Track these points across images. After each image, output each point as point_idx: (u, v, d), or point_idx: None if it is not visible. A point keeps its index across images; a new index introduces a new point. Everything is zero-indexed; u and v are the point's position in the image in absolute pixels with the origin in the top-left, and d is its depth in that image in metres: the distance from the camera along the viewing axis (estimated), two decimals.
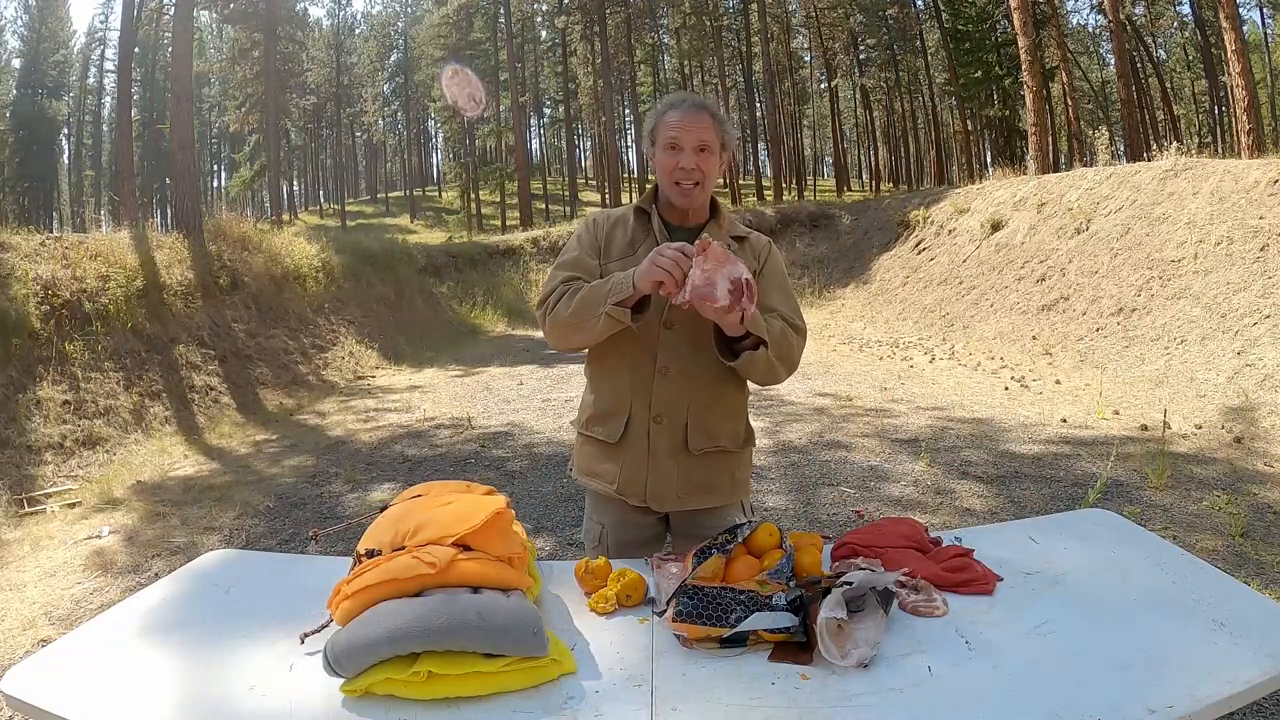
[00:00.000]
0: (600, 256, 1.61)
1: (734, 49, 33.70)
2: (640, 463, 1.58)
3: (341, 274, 11.16)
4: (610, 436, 1.60)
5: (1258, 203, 6.45)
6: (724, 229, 1.60)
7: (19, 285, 5.82)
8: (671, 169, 1.53)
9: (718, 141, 1.55)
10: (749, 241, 1.64)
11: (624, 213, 1.66)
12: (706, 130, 1.53)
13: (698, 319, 1.50)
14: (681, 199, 1.56)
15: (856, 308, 12.89)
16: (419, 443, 5.69)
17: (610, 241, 1.62)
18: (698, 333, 1.53)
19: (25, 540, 3.91)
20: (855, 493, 4.03)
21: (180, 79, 10.74)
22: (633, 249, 1.59)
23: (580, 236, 1.66)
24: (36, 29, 35.33)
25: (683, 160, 1.52)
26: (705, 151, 1.53)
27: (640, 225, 1.62)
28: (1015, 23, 15.06)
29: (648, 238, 1.59)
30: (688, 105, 1.56)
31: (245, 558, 1.67)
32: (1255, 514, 3.38)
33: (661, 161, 1.55)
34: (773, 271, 1.63)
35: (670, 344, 1.55)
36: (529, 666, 1.07)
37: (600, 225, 1.65)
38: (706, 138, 1.53)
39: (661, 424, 1.56)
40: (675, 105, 1.57)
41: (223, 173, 44.64)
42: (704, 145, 1.53)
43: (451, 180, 39.95)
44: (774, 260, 1.65)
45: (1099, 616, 1.17)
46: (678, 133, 1.52)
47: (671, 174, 1.53)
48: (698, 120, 1.53)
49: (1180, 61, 30.00)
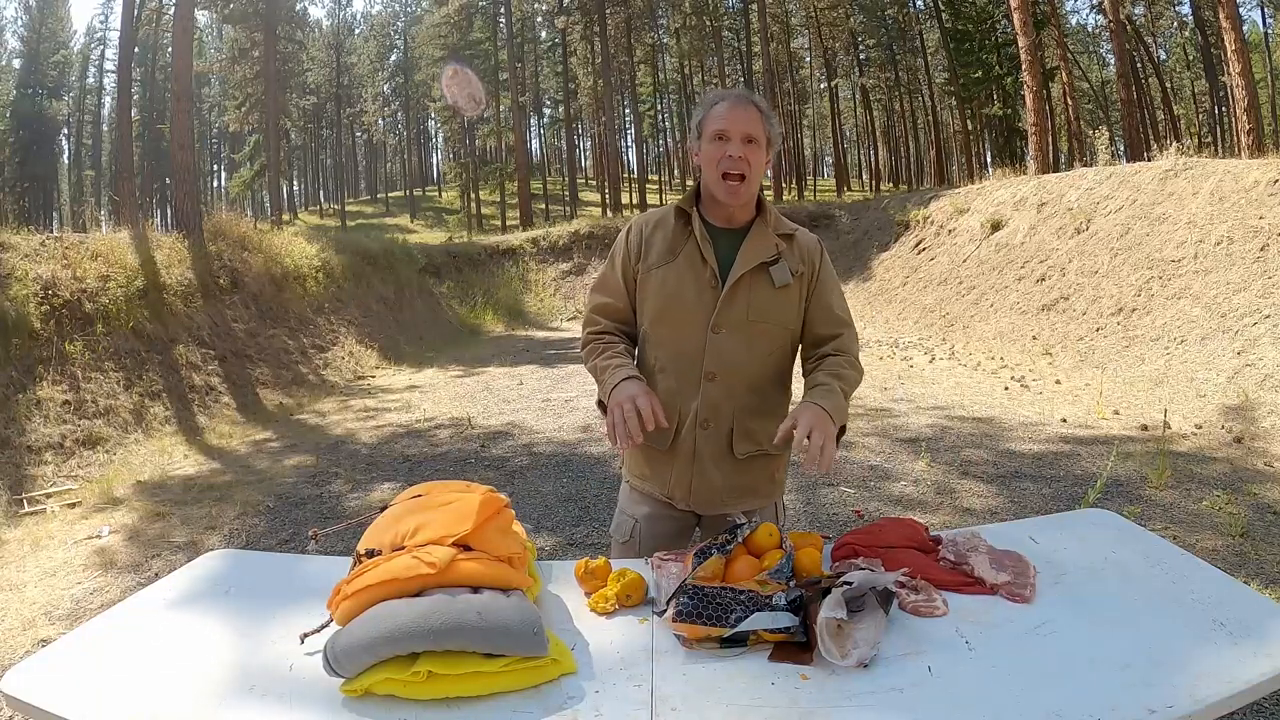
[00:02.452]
0: (639, 263, 1.60)
1: (734, 49, 33.73)
2: (686, 467, 1.58)
3: (341, 274, 11.17)
4: (661, 444, 1.60)
5: (1258, 203, 6.45)
6: (770, 227, 1.57)
7: (19, 285, 5.82)
8: (719, 159, 1.50)
9: (764, 136, 1.53)
10: (797, 240, 1.60)
11: (665, 214, 1.63)
12: (754, 123, 1.51)
13: (744, 324, 1.53)
14: (727, 194, 1.52)
15: (856, 307, 12.89)
16: (419, 443, 5.69)
17: (649, 246, 1.60)
18: (746, 337, 1.53)
19: (25, 540, 3.91)
20: (856, 492, 4.03)
21: (180, 79, 10.74)
22: (673, 254, 1.57)
23: (617, 250, 1.65)
24: (36, 29, 35.33)
25: (730, 150, 1.49)
26: (752, 144, 1.51)
27: (680, 227, 1.58)
28: (1015, 23, 15.05)
29: (688, 240, 1.56)
30: (735, 97, 1.54)
31: (245, 558, 1.67)
32: (1255, 514, 3.38)
33: (708, 153, 1.52)
34: (828, 274, 1.62)
35: (717, 349, 1.54)
36: (529, 666, 1.06)
37: (639, 233, 1.62)
38: (754, 130, 1.51)
39: (708, 429, 1.56)
40: (723, 98, 1.55)
41: (223, 173, 44.63)
42: (751, 137, 1.50)
43: (451, 180, 39.94)
44: (826, 265, 1.63)
45: (1099, 616, 1.17)
46: (726, 124, 1.50)
47: (718, 164, 1.50)
48: (746, 112, 1.51)
49: (1180, 61, 30.01)
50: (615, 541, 1.74)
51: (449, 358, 10.64)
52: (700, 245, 1.54)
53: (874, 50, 32.36)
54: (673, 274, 1.56)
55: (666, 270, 1.56)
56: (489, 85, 29.41)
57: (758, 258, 1.53)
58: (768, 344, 1.57)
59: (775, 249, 1.55)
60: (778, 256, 1.55)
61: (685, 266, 1.55)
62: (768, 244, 1.55)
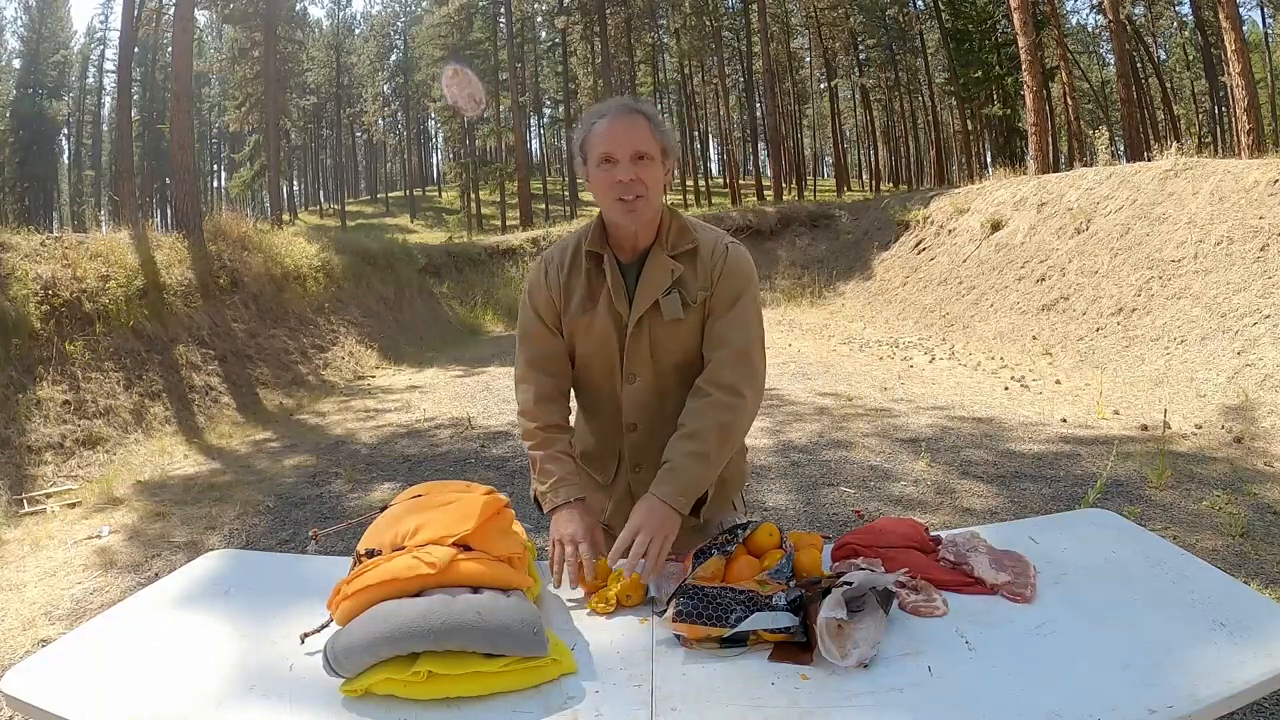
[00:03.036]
0: (561, 314, 1.50)
1: (734, 49, 33.72)
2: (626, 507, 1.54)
3: (341, 274, 11.17)
4: (602, 478, 1.60)
5: (1258, 203, 6.45)
6: (667, 249, 1.44)
7: (19, 285, 5.82)
8: (609, 185, 1.35)
9: (657, 147, 1.37)
10: (699, 257, 1.44)
11: (575, 254, 1.49)
12: (642, 136, 1.35)
13: (652, 367, 1.47)
14: (626, 216, 1.37)
15: (856, 307, 12.89)
16: (419, 443, 5.69)
17: (569, 294, 1.49)
18: (659, 382, 1.48)
19: (25, 540, 3.91)
20: (856, 492, 4.03)
21: (180, 79, 10.75)
22: (593, 299, 1.46)
23: (534, 300, 1.52)
24: (36, 29, 35.34)
25: (619, 173, 1.34)
26: (644, 159, 1.35)
27: (595, 269, 1.47)
28: (1015, 23, 15.05)
29: (604, 286, 1.45)
30: (617, 111, 1.38)
31: (245, 558, 1.67)
32: (1255, 514, 3.38)
33: (597, 179, 1.38)
34: (722, 290, 1.44)
35: (633, 399, 1.49)
36: (529, 666, 1.06)
37: (556, 279, 1.50)
38: (643, 145, 1.35)
39: (639, 472, 1.53)
40: (604, 113, 1.38)
41: (223, 173, 44.66)
42: (641, 153, 1.35)
43: (451, 180, 39.94)
44: (727, 274, 1.44)
45: (1099, 616, 1.16)
46: (610, 144, 1.35)
47: (609, 190, 1.36)
48: (630, 127, 1.35)
49: (1180, 61, 30.02)
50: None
51: (449, 358, 10.64)
52: (612, 291, 1.44)
53: (874, 50, 32.37)
54: (595, 325, 1.47)
55: (590, 320, 1.47)
56: (489, 85, 29.41)
57: (652, 295, 1.42)
58: (679, 384, 1.47)
59: (670, 277, 1.42)
60: (671, 287, 1.42)
61: (604, 315, 1.46)
62: (662, 274, 1.42)
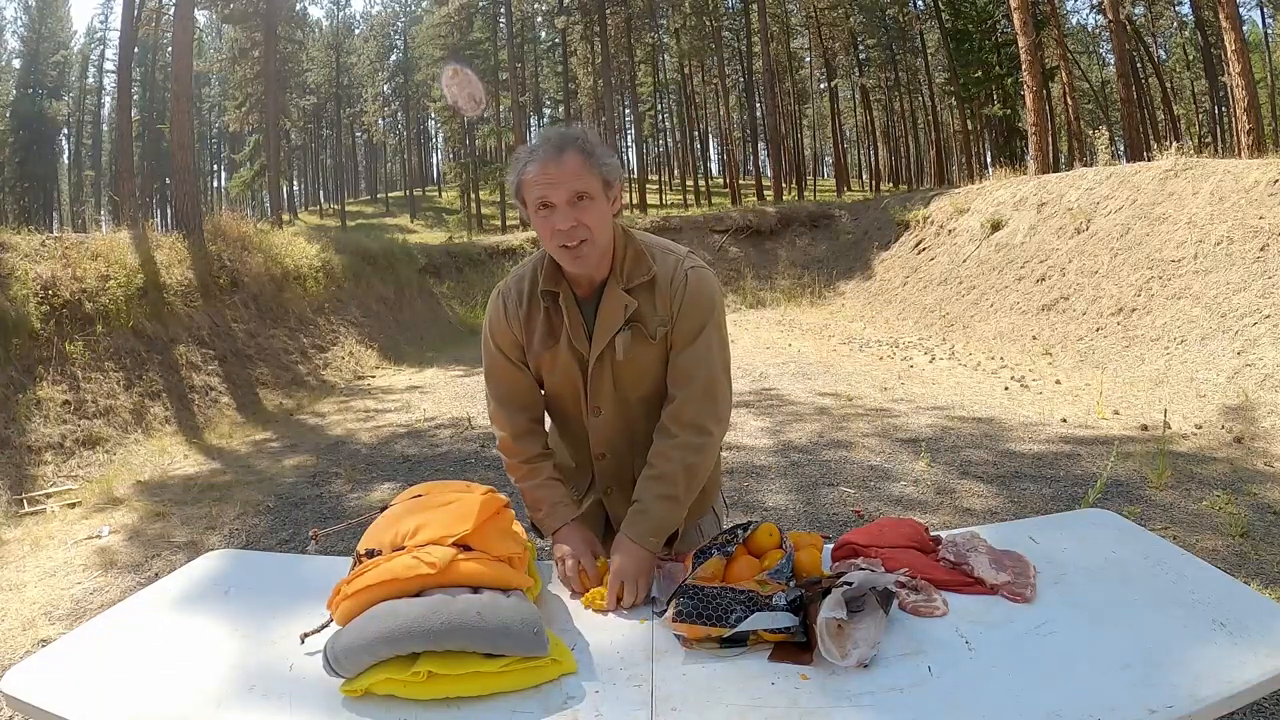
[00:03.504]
0: (526, 349, 1.48)
1: (734, 49, 33.71)
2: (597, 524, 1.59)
3: (341, 274, 11.17)
4: (577, 492, 1.61)
5: (1258, 203, 6.45)
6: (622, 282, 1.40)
7: (19, 285, 5.82)
8: (550, 232, 1.30)
9: (597, 182, 1.30)
10: (656, 287, 1.40)
11: (532, 291, 1.45)
12: (577, 175, 1.28)
13: (615, 400, 1.47)
14: (574, 264, 1.34)
15: (856, 307, 12.89)
16: (419, 443, 5.69)
17: (530, 332, 1.46)
18: (625, 415, 1.49)
19: (25, 540, 3.91)
20: (856, 492, 4.03)
21: (180, 79, 10.74)
22: (554, 336, 1.45)
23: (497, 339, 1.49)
24: (36, 29, 35.35)
25: (557, 220, 1.28)
26: (583, 200, 1.29)
27: (554, 307, 1.44)
28: (1015, 23, 15.05)
29: (562, 324, 1.43)
30: (546, 151, 1.29)
31: (245, 558, 1.67)
32: (1255, 514, 3.38)
33: (537, 225, 1.33)
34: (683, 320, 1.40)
35: (600, 432, 1.50)
36: (529, 666, 1.07)
37: (515, 312, 1.47)
38: (579, 184, 1.28)
39: (611, 495, 1.56)
40: (532, 156, 1.31)
41: (223, 173, 44.67)
42: (580, 193, 1.28)
43: (451, 180, 39.93)
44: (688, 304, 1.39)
45: (1099, 616, 1.16)
46: (544, 189, 1.28)
47: (552, 238, 1.31)
48: (561, 167, 1.28)
49: (1180, 61, 30.01)
50: None
51: (449, 358, 10.64)
52: (570, 329, 1.42)
53: (874, 50, 32.37)
54: (559, 360, 1.46)
55: (553, 356, 1.46)
56: (489, 85, 29.40)
57: (608, 332, 1.40)
58: (645, 414, 1.47)
59: (624, 312, 1.39)
60: (625, 323, 1.39)
61: (565, 350, 1.44)
62: (616, 311, 1.39)
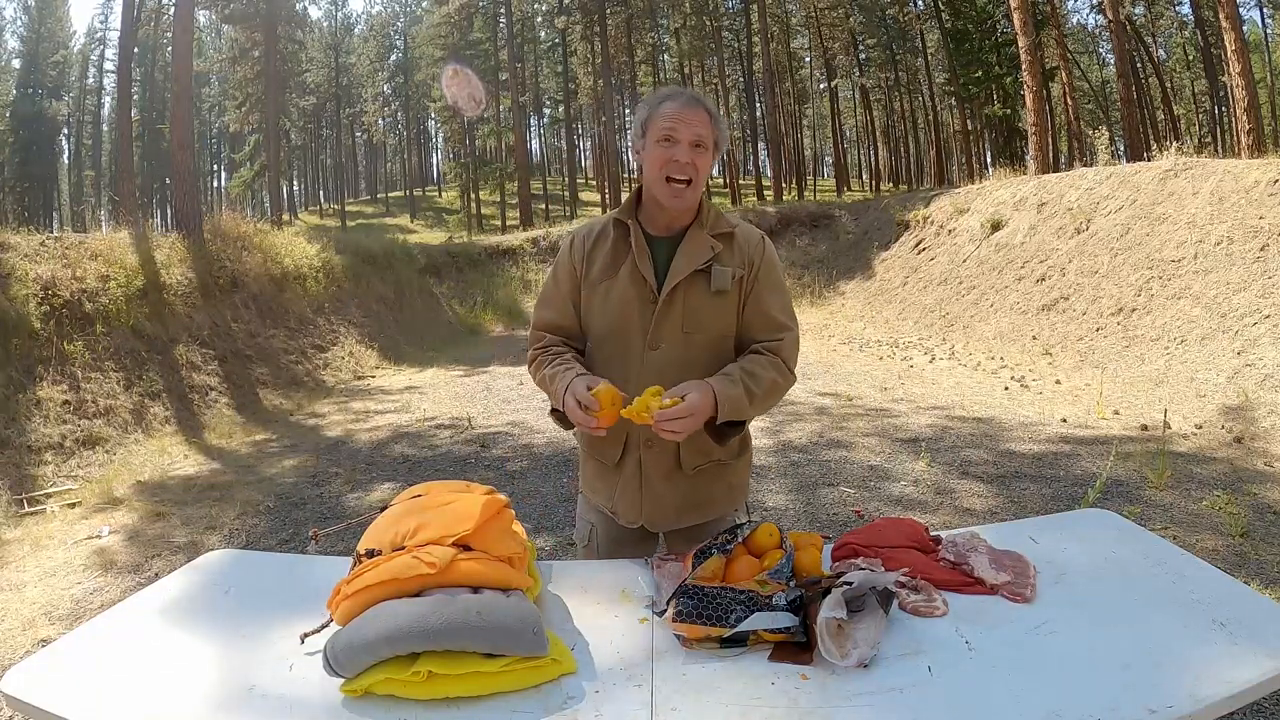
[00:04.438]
0: (583, 279, 1.55)
1: (734, 49, 33.67)
2: (635, 487, 1.56)
3: (341, 274, 11.17)
4: (608, 460, 1.59)
5: (1258, 203, 6.45)
6: (706, 229, 1.51)
7: (19, 285, 5.82)
8: (665, 162, 1.43)
9: (712, 139, 1.47)
10: (736, 240, 1.52)
11: (605, 225, 1.57)
12: (703, 125, 1.45)
13: (680, 337, 1.48)
14: (672, 199, 1.46)
15: (856, 307, 12.89)
16: (419, 443, 5.69)
17: (591, 262, 1.55)
18: (683, 352, 1.49)
19: (25, 540, 3.91)
20: (856, 492, 4.03)
21: (180, 79, 10.74)
22: (615, 268, 1.52)
23: (561, 264, 1.59)
24: (36, 29, 35.34)
25: (678, 154, 1.43)
26: (700, 147, 1.45)
27: (620, 239, 1.53)
28: (1015, 23, 15.05)
29: (628, 255, 1.51)
30: (685, 98, 1.47)
31: (245, 558, 1.67)
32: (1255, 514, 3.38)
33: (653, 155, 1.45)
34: (766, 275, 1.53)
35: (655, 366, 1.49)
36: (529, 666, 1.07)
37: (581, 247, 1.57)
38: (703, 133, 1.45)
39: (653, 448, 1.53)
40: (672, 97, 1.48)
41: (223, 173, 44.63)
42: (699, 140, 1.45)
43: (451, 180, 39.93)
44: (768, 263, 1.53)
45: (1099, 616, 1.17)
46: (674, 124, 1.43)
47: (664, 168, 1.44)
48: (695, 114, 1.45)
49: (1180, 61, 29.99)
50: (578, 545, 1.77)
51: (449, 358, 10.64)
52: (638, 259, 1.49)
53: (874, 50, 32.35)
54: (615, 290, 1.51)
55: (609, 286, 1.51)
56: (489, 85, 29.40)
57: (691, 265, 1.47)
58: (707, 356, 1.50)
59: (710, 252, 1.48)
60: (712, 261, 1.48)
61: (627, 282, 1.50)
62: (702, 249, 1.48)
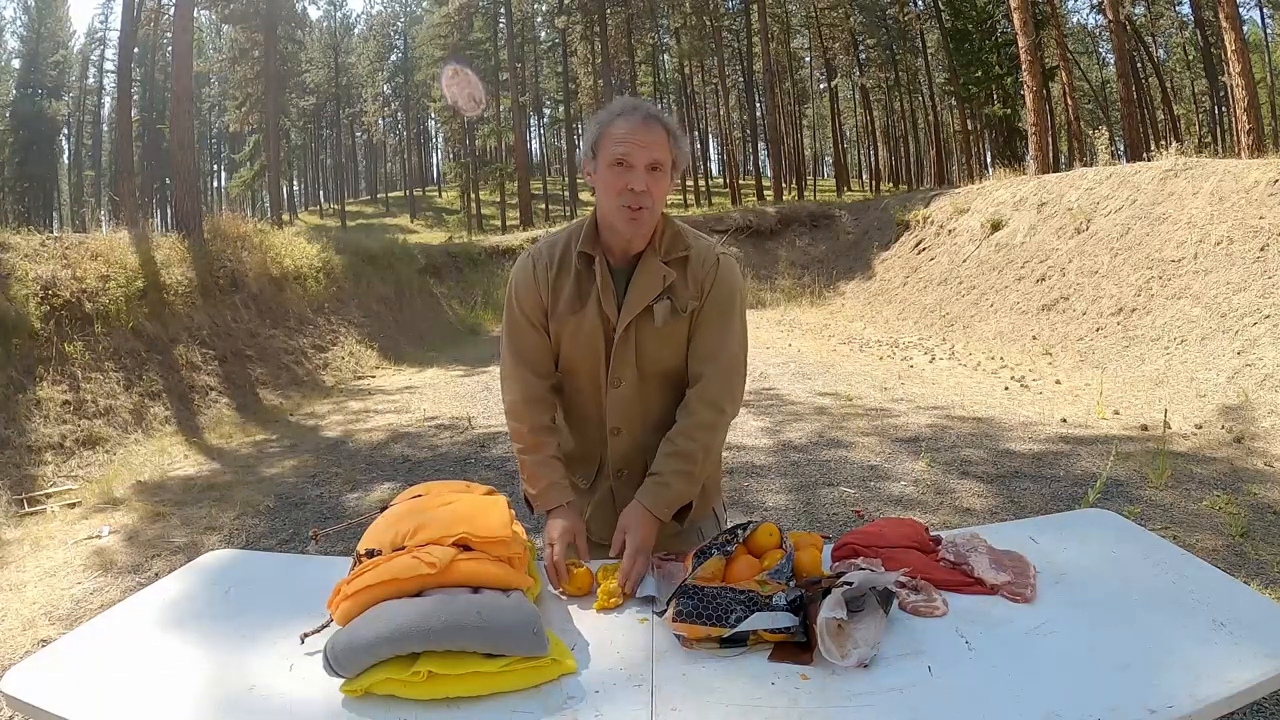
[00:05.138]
0: (547, 315, 1.47)
1: (734, 49, 33.69)
2: (608, 511, 1.54)
3: (341, 274, 11.17)
4: (583, 482, 1.58)
5: (1258, 203, 6.45)
6: (660, 254, 1.43)
7: (19, 285, 5.82)
8: (619, 190, 1.33)
9: (669, 159, 1.36)
10: (690, 264, 1.44)
11: (565, 253, 1.47)
12: (659, 146, 1.34)
13: (637, 373, 1.46)
14: (628, 225, 1.36)
15: (856, 307, 12.89)
16: (419, 443, 5.69)
17: (557, 293, 1.46)
18: (644, 390, 1.47)
19: (25, 540, 3.91)
20: (855, 492, 4.03)
21: (180, 79, 10.74)
22: (581, 301, 1.44)
23: (522, 299, 1.49)
24: (36, 29, 35.34)
25: (633, 180, 1.32)
26: (657, 171, 1.34)
27: (585, 270, 1.45)
28: (1015, 23, 15.06)
29: (593, 288, 1.43)
30: (640, 115, 1.35)
31: (245, 558, 1.67)
32: (1255, 514, 3.38)
33: (606, 180, 1.35)
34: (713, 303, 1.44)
35: (618, 404, 1.47)
36: (529, 666, 1.06)
37: (544, 273, 1.47)
38: (659, 155, 1.34)
39: (623, 477, 1.53)
40: (624, 114, 1.35)
41: (223, 173, 44.66)
42: (656, 163, 1.34)
43: (451, 180, 39.96)
44: (717, 287, 1.44)
45: (1099, 616, 1.16)
46: (627, 148, 1.32)
47: (619, 196, 1.33)
48: (650, 135, 1.33)
49: (1180, 61, 29.99)
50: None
51: (449, 358, 10.64)
52: (603, 295, 1.42)
53: (874, 50, 32.37)
54: (584, 326, 1.45)
55: (578, 321, 1.45)
56: (489, 85, 29.41)
57: (644, 299, 1.41)
58: (662, 391, 1.47)
59: (662, 283, 1.41)
60: (662, 293, 1.41)
61: (594, 316, 1.44)
62: (654, 280, 1.41)
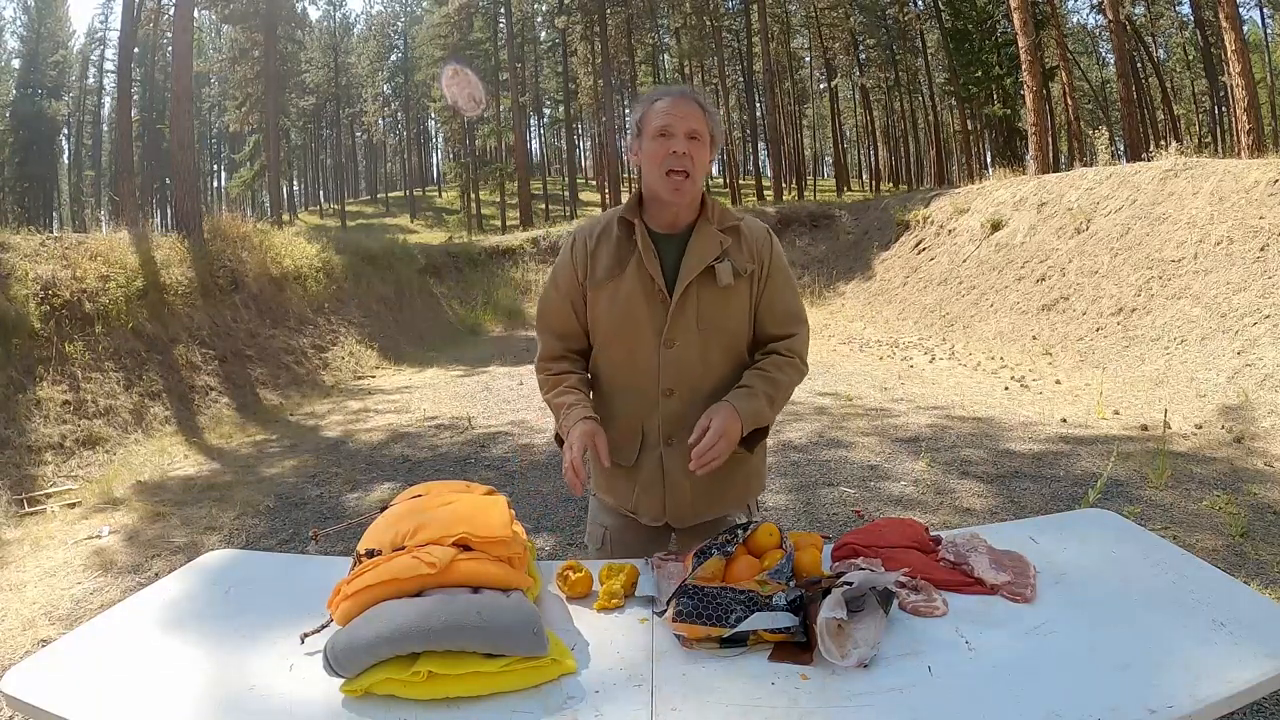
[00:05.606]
0: (586, 279, 1.54)
1: (734, 49, 33.68)
2: (656, 485, 1.55)
3: (341, 274, 11.17)
4: (626, 460, 1.57)
5: (1258, 203, 6.45)
6: (714, 224, 1.53)
7: (19, 285, 5.82)
8: (663, 156, 1.45)
9: (707, 133, 1.49)
10: (743, 234, 1.54)
11: (607, 223, 1.57)
12: (697, 119, 1.47)
13: (696, 334, 1.49)
14: (672, 192, 1.47)
15: (856, 307, 12.89)
16: (419, 443, 5.69)
17: (595, 261, 1.54)
18: (699, 348, 1.50)
19: (25, 540, 3.91)
20: (855, 492, 4.03)
21: (180, 79, 10.74)
22: (620, 267, 1.52)
23: (561, 266, 1.59)
24: (36, 29, 35.34)
25: (675, 145, 1.44)
26: (696, 140, 1.47)
27: (625, 237, 1.53)
28: (1015, 23, 15.05)
29: (633, 253, 1.51)
30: (677, 93, 1.50)
31: (245, 558, 1.67)
32: (1255, 514, 3.38)
33: (651, 150, 1.47)
34: (777, 271, 1.56)
35: (672, 364, 1.50)
36: (529, 666, 1.07)
37: (583, 248, 1.56)
38: (697, 126, 1.47)
39: (673, 445, 1.52)
40: (665, 94, 1.51)
41: (223, 173, 44.64)
42: (695, 133, 1.46)
43: (451, 180, 39.95)
44: (777, 258, 1.56)
45: (1099, 616, 1.17)
46: (668, 119, 1.46)
47: (662, 162, 1.45)
48: (688, 108, 1.47)
49: (1180, 61, 29.98)
50: (590, 549, 1.76)
51: (449, 358, 10.64)
52: (644, 257, 1.49)
53: (874, 50, 32.36)
54: (621, 289, 1.51)
55: (615, 285, 1.51)
56: (489, 85, 29.41)
57: (703, 261, 1.49)
58: (723, 351, 1.53)
59: (719, 246, 1.50)
60: (722, 255, 1.50)
61: (633, 280, 1.50)
62: (711, 244, 1.50)
